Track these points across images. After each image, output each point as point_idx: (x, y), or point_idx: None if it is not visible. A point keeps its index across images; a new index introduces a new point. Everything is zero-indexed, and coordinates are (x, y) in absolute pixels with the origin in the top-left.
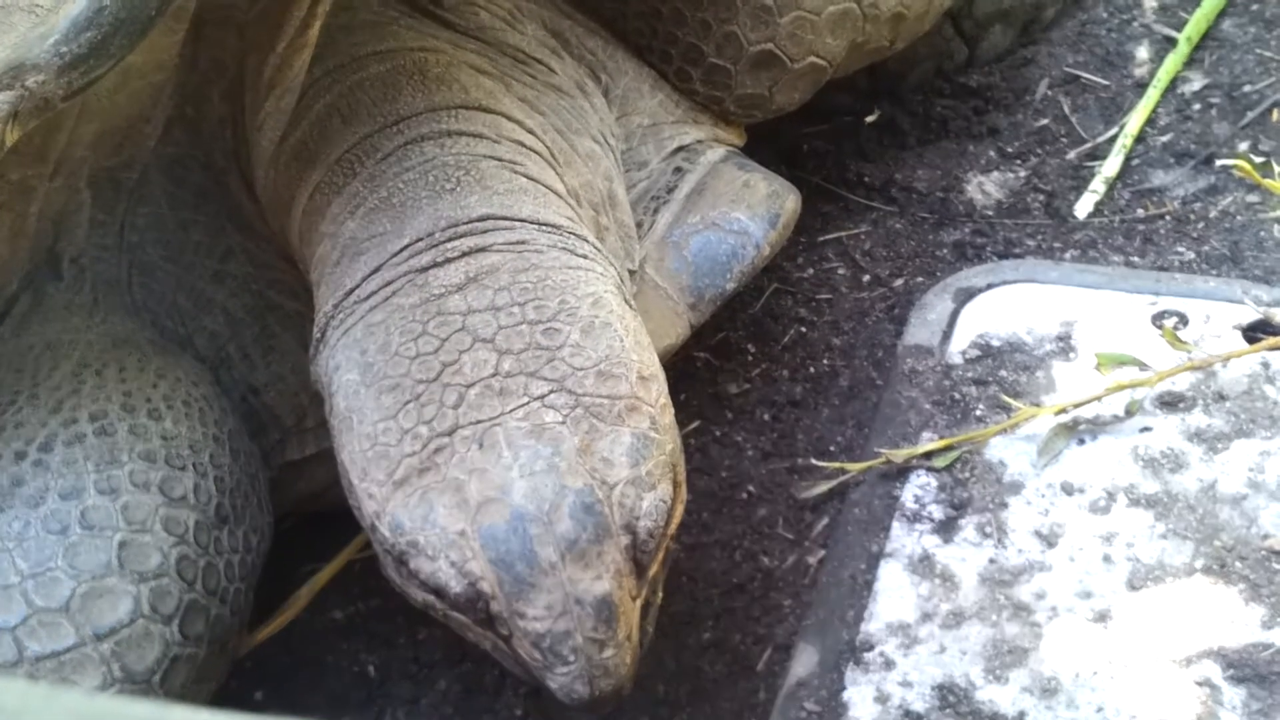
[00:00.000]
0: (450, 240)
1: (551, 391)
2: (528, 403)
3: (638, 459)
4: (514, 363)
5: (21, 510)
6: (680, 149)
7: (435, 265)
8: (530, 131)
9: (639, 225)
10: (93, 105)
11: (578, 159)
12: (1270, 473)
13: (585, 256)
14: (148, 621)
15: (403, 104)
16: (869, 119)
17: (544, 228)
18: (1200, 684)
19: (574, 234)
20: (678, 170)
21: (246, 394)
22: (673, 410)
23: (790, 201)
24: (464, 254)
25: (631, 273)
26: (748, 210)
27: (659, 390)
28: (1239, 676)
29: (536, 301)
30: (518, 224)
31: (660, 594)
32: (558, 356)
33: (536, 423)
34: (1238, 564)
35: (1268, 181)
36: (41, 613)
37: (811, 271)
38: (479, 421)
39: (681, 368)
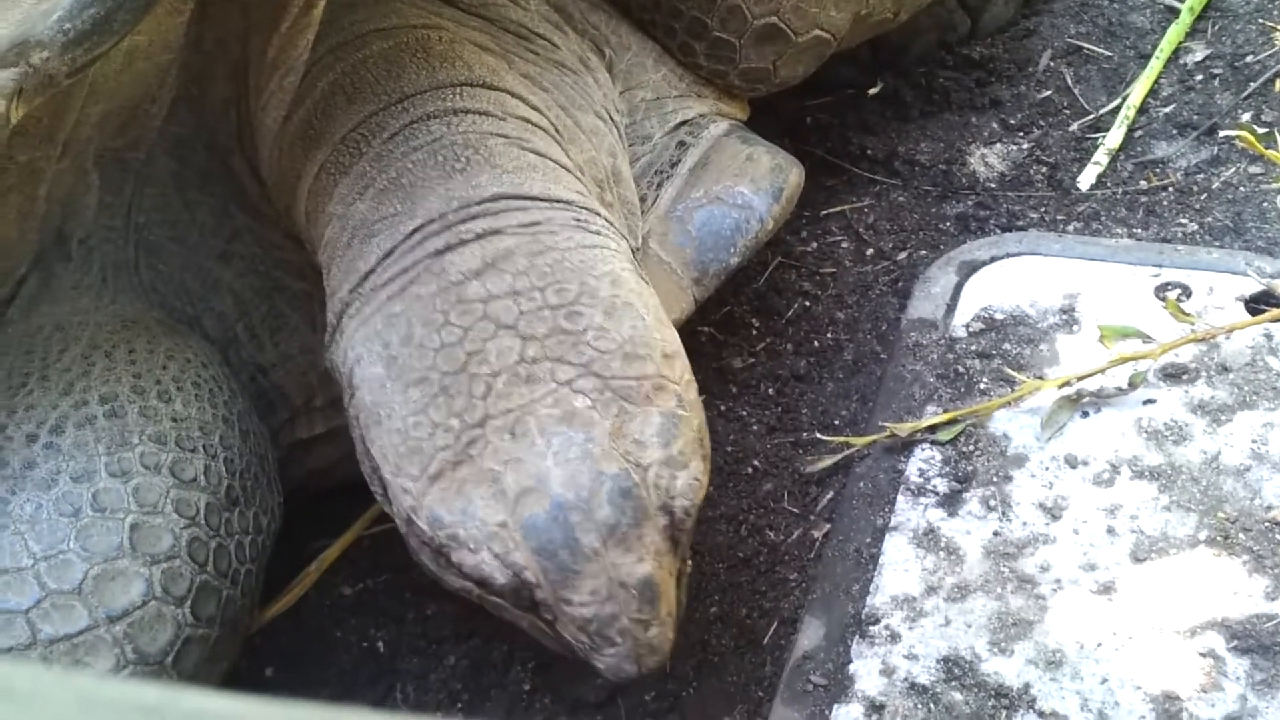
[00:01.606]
0: (463, 222)
1: (579, 376)
2: (556, 388)
3: (669, 439)
4: (539, 348)
5: (33, 493)
6: (684, 123)
7: (450, 249)
8: (535, 108)
9: (642, 200)
10: (99, 86)
11: (581, 135)
12: (1274, 444)
13: (598, 233)
14: (160, 603)
15: (407, 81)
16: (872, 91)
17: (556, 204)
18: (1204, 655)
19: (585, 208)
20: (681, 144)
21: (255, 374)
22: (695, 384)
23: (793, 175)
24: (478, 236)
25: (635, 250)
26: (751, 184)
27: (683, 366)
28: (1243, 647)
29: (557, 285)
30: (529, 203)
31: (690, 561)
32: (582, 340)
33: (566, 408)
34: (1241, 535)
35: (1271, 152)
36: (54, 595)
37: (815, 245)
38: (509, 410)
39: (686, 342)
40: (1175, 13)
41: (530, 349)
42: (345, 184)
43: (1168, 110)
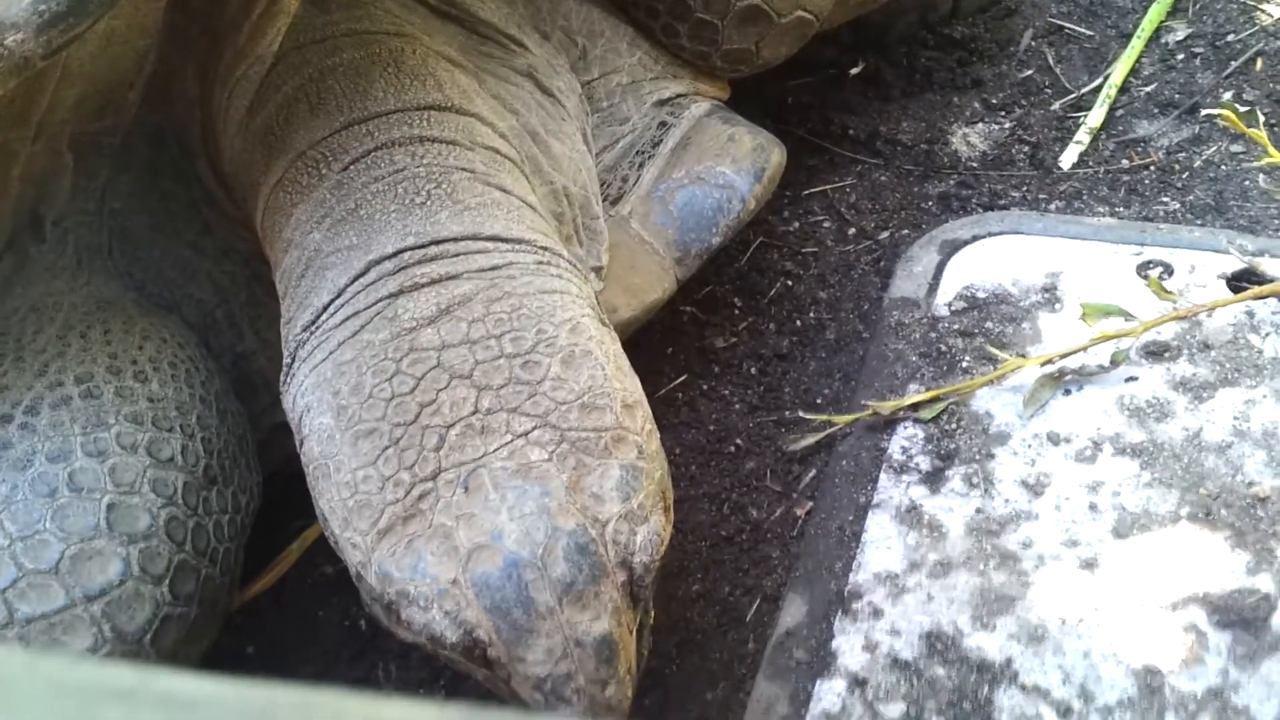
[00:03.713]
0: (419, 264)
1: (535, 428)
2: (511, 440)
3: (628, 492)
4: (494, 399)
5: (8, 473)
6: (663, 102)
7: (403, 292)
8: (503, 135)
9: (624, 180)
10: (74, 68)
11: (547, 164)
12: (1255, 421)
13: (559, 276)
14: (138, 582)
15: (373, 99)
16: (854, 71)
17: (516, 246)
18: (1186, 629)
19: (546, 248)
20: (662, 124)
21: (235, 359)
22: (658, 435)
23: (775, 155)
24: (433, 281)
25: (597, 270)
26: (733, 164)
27: (644, 416)
28: (1224, 622)
29: (513, 333)
30: (490, 244)
31: (652, 614)
32: (539, 391)
33: (522, 461)
34: (1223, 511)
35: (1252, 131)
36: (31, 575)
37: (797, 225)
38: (462, 463)
39: (668, 322)
40: None
41: (485, 399)
42: (303, 209)
43: (1149, 89)
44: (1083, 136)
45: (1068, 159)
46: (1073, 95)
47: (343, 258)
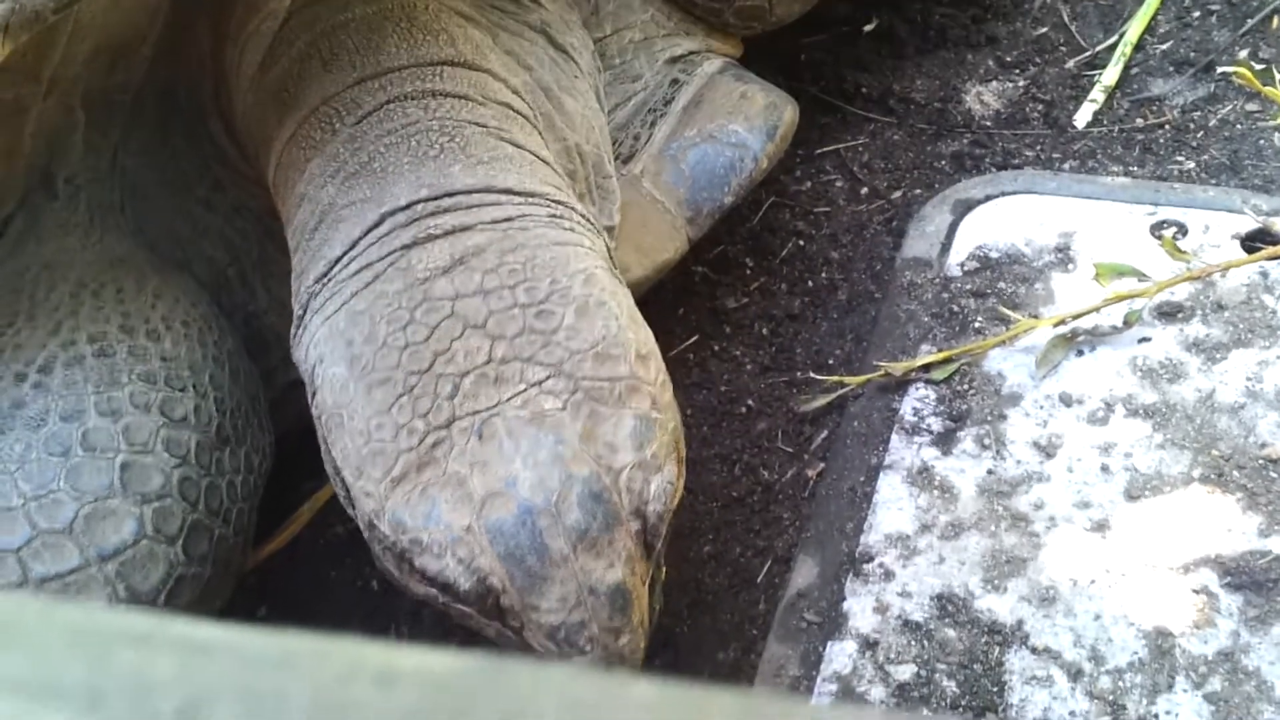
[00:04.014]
0: (433, 216)
1: (549, 377)
2: (525, 389)
3: (642, 441)
4: (508, 348)
5: (22, 432)
6: (675, 59)
7: (417, 244)
8: (515, 91)
9: (636, 138)
10: (86, 23)
11: (560, 120)
12: (1268, 382)
13: (571, 229)
14: (152, 542)
15: (386, 54)
16: (867, 29)
17: (530, 199)
18: (1197, 591)
19: (559, 202)
20: (675, 82)
21: (247, 317)
22: (671, 386)
23: (788, 113)
24: (447, 232)
25: (609, 229)
26: (745, 122)
27: (657, 367)
28: (1236, 584)
29: (527, 283)
30: (503, 196)
31: (664, 569)
32: (553, 340)
33: (536, 410)
34: (1235, 473)
35: (1268, 89)
36: (45, 534)
37: (809, 184)
38: (476, 412)
39: (680, 282)
40: None
41: (500, 349)
42: (317, 163)
43: (1165, 47)
44: (1097, 95)
45: (1082, 118)
46: (1088, 53)
47: (356, 210)
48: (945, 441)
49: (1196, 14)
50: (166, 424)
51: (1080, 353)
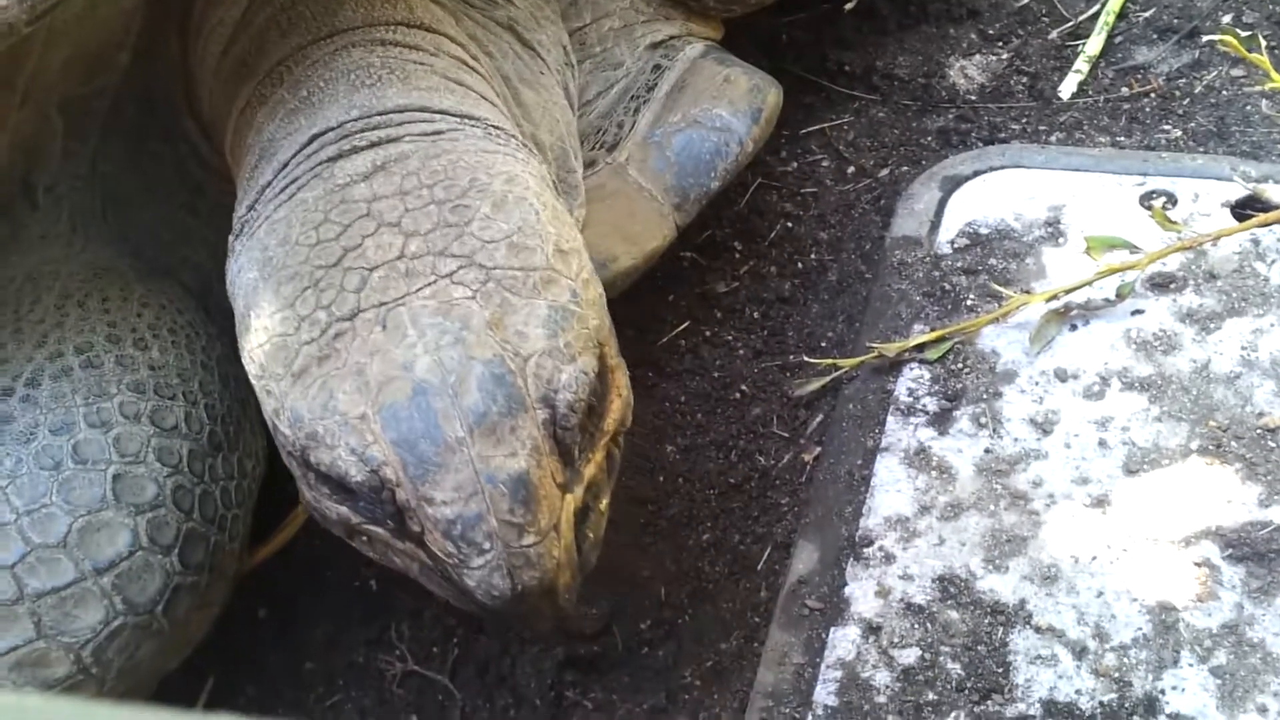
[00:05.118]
0: (361, 132)
1: (460, 268)
2: (435, 281)
3: (555, 330)
4: (421, 243)
5: (13, 447)
6: (656, 44)
7: (342, 156)
8: (474, 57)
9: (620, 126)
10: (60, 31)
11: (515, 108)
12: (1263, 350)
13: (506, 147)
14: (147, 553)
15: (341, 18)
16: (848, 6)
17: (465, 120)
18: (1199, 564)
19: (499, 128)
20: (657, 68)
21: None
22: (600, 288)
23: (772, 95)
24: (372, 144)
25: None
26: (729, 106)
27: (580, 264)
28: (1237, 555)
29: (446, 182)
30: (436, 115)
31: (605, 502)
32: (466, 231)
33: (444, 300)
34: (1233, 443)
35: (1253, 55)
36: (39, 549)
37: (796, 165)
38: (383, 303)
39: (669, 268)
40: None
41: (413, 244)
42: (263, 113)
43: (1148, 15)
44: (1081, 65)
45: (1067, 89)
46: (1070, 23)
47: (289, 139)
48: (941, 421)
49: None
50: (157, 433)
51: (1074, 327)
